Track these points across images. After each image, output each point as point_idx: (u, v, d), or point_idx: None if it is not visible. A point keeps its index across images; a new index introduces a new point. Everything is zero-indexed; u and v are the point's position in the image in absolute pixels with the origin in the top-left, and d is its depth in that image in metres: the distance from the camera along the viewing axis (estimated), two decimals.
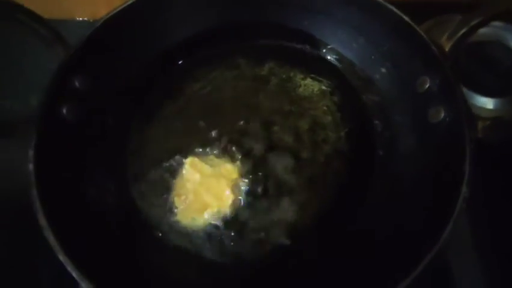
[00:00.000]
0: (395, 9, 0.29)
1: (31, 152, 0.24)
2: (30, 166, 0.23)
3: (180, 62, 0.37)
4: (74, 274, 0.20)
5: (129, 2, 0.31)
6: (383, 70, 0.33)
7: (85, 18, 0.48)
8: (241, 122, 0.33)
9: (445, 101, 0.26)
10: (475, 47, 0.39)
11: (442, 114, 0.26)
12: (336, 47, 0.36)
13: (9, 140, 0.29)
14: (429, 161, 0.26)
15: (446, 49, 0.27)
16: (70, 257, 0.20)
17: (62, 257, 0.20)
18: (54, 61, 0.28)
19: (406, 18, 0.29)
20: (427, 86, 0.28)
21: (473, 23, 0.25)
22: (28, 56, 0.42)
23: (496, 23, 0.39)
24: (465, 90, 0.37)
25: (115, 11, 0.30)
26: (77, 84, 0.29)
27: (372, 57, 0.33)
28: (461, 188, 0.21)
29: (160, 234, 0.28)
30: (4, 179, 0.34)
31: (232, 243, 0.28)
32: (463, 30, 0.26)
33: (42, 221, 0.21)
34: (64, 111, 0.28)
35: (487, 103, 0.36)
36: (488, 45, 0.39)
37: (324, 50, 0.37)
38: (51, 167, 0.25)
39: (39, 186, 0.23)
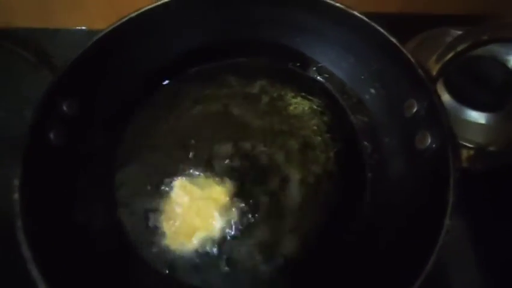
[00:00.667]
0: (382, 30, 0.29)
1: (16, 182, 0.24)
2: (16, 196, 0.23)
3: (169, 81, 0.37)
4: None
5: (117, 23, 0.31)
6: (372, 91, 0.32)
7: (82, 27, 0.48)
8: (232, 142, 0.33)
9: (431, 126, 0.26)
10: (468, 61, 0.38)
11: (429, 140, 0.26)
12: (327, 66, 0.36)
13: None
14: (416, 188, 0.26)
15: (434, 72, 0.27)
16: None
17: None
18: (43, 84, 0.29)
19: (393, 39, 0.29)
20: (415, 109, 0.28)
21: (460, 48, 0.25)
22: (18, 79, 0.43)
23: None
24: (457, 104, 0.38)
25: (100, 34, 0.30)
26: (65, 108, 0.29)
27: (362, 77, 0.33)
28: (444, 220, 0.21)
29: (149, 260, 0.28)
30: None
31: (220, 269, 0.28)
32: (451, 54, 0.26)
33: (27, 253, 0.21)
34: (51, 136, 0.28)
35: (479, 118, 0.36)
36: (482, 60, 0.39)
37: (314, 68, 0.36)
38: (37, 195, 0.25)
39: (25, 217, 0.23)
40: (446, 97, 0.37)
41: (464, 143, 0.23)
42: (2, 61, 0.44)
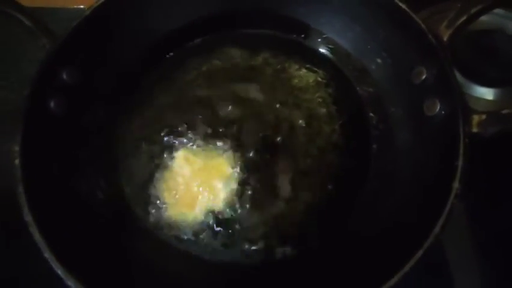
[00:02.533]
0: None
1: (17, 147, 0.23)
2: (16, 161, 0.23)
3: (171, 53, 0.36)
4: (60, 272, 0.19)
5: None
6: (379, 60, 0.32)
7: (80, 6, 0.47)
8: (235, 114, 0.33)
9: (441, 93, 0.25)
10: (475, 35, 0.37)
11: (438, 107, 0.25)
12: (332, 36, 0.35)
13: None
14: (424, 156, 0.26)
15: (445, 38, 0.26)
16: (56, 254, 0.20)
17: (47, 254, 0.20)
18: (42, 53, 0.28)
19: (403, 5, 0.28)
20: (423, 77, 0.27)
21: (474, 10, 0.24)
22: (17, 48, 0.42)
23: (498, 11, 0.37)
24: (464, 80, 0.37)
25: (99, 2, 0.29)
26: (64, 76, 0.29)
27: (368, 46, 0.32)
28: (453, 184, 0.21)
29: (150, 230, 0.28)
30: None
31: (221, 240, 0.28)
32: (463, 18, 0.25)
33: (28, 217, 0.21)
34: (52, 104, 0.28)
35: (487, 94, 0.36)
36: (489, 34, 0.38)
37: (319, 40, 0.36)
38: (39, 163, 0.25)
39: (26, 182, 0.23)
40: None
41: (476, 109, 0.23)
42: (5, 41, 0.44)
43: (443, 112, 0.25)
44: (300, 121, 0.33)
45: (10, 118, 0.26)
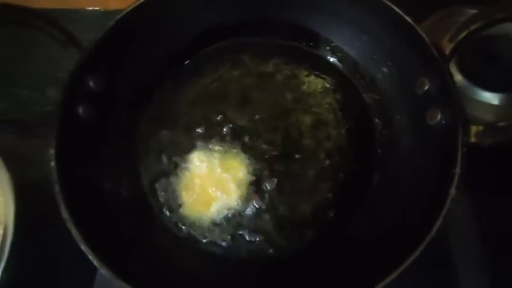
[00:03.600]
0: (397, 9, 0.30)
1: (52, 151, 0.26)
2: (52, 164, 0.26)
3: (188, 60, 0.38)
4: (95, 262, 0.22)
5: (137, 3, 0.32)
6: (385, 70, 0.33)
7: (96, 8, 0.50)
8: (248, 118, 0.35)
9: (442, 104, 0.27)
10: (482, 41, 0.38)
11: (439, 117, 0.27)
12: (341, 45, 0.36)
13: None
14: (424, 162, 0.27)
15: (447, 52, 0.27)
16: (90, 247, 0.23)
17: (83, 247, 0.23)
18: (70, 62, 0.30)
19: (408, 19, 0.29)
20: (426, 87, 0.28)
21: (473, 27, 0.26)
22: (36, 49, 0.44)
23: None
24: (470, 85, 0.38)
25: (124, 12, 0.31)
26: (91, 84, 0.31)
27: (375, 56, 0.34)
28: (449, 191, 0.22)
29: (168, 227, 0.31)
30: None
31: (235, 238, 0.30)
32: (464, 33, 0.26)
33: (65, 213, 0.24)
34: (80, 110, 0.30)
35: (492, 98, 0.36)
36: (496, 39, 0.38)
37: (328, 48, 0.37)
38: (70, 164, 0.27)
39: (61, 182, 0.25)
40: (458, 77, 0.37)
41: (474, 120, 0.24)
42: (25, 41, 0.47)
43: (443, 122, 0.26)
44: (309, 125, 0.35)
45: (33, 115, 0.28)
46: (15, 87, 0.44)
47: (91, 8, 0.50)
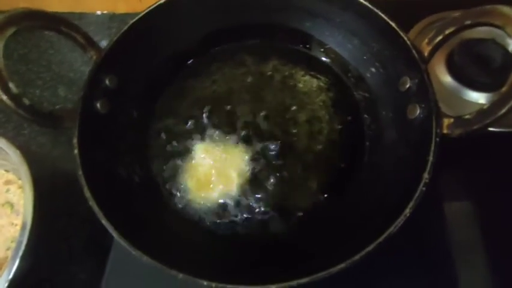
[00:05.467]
0: (383, 15, 0.33)
1: (75, 140, 0.30)
2: (76, 151, 0.29)
3: (192, 60, 0.41)
4: (114, 235, 0.26)
5: (149, 9, 0.36)
6: (373, 70, 0.36)
7: (105, 12, 0.53)
8: (248, 114, 0.38)
9: (421, 100, 0.30)
10: (469, 44, 0.41)
11: (418, 111, 0.30)
12: (333, 47, 0.40)
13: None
14: (405, 151, 0.31)
15: (426, 53, 0.31)
16: (110, 222, 0.26)
17: (104, 221, 0.26)
18: (81, 63, 0.33)
19: (393, 23, 0.32)
20: (408, 85, 0.32)
21: (448, 31, 0.29)
22: (48, 50, 0.48)
23: None
24: (459, 86, 0.40)
25: (136, 18, 0.35)
26: (107, 82, 0.35)
27: (365, 57, 0.37)
28: (423, 175, 0.26)
29: (176, 210, 0.34)
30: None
31: (234, 221, 0.34)
32: (440, 37, 0.30)
33: (87, 193, 0.27)
34: (98, 105, 0.34)
35: (479, 98, 0.39)
36: (482, 42, 0.40)
37: (322, 50, 0.41)
38: (90, 152, 0.31)
39: (84, 167, 0.29)
40: (447, 78, 0.40)
41: (445, 112, 0.27)
42: (37, 44, 0.50)
43: (421, 116, 0.30)
44: (304, 121, 0.38)
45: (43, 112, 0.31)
46: (29, 87, 0.48)
47: (99, 12, 0.53)
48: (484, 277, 0.33)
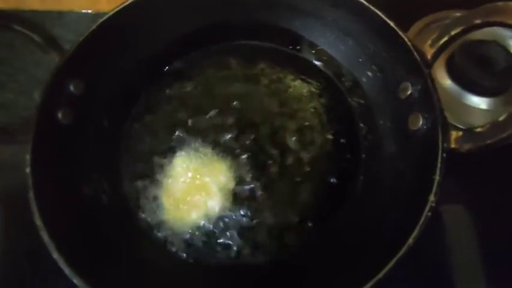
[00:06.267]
0: (380, 13, 0.30)
1: (28, 157, 0.26)
2: (28, 170, 0.25)
3: (172, 63, 0.38)
4: (66, 271, 0.22)
5: (120, 7, 0.32)
6: (369, 74, 0.33)
7: (89, 11, 0.49)
8: (232, 122, 0.35)
9: (424, 109, 0.26)
10: (471, 46, 0.38)
11: (421, 122, 0.27)
12: (326, 49, 0.36)
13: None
14: (406, 167, 0.27)
15: (429, 56, 0.27)
16: (63, 255, 0.22)
17: (55, 255, 0.22)
18: (51, 66, 0.30)
19: (391, 23, 0.29)
20: (409, 92, 0.28)
21: (454, 32, 0.26)
22: (23, 51, 0.44)
23: None
24: (459, 89, 0.38)
25: (104, 17, 0.31)
26: (71, 88, 0.31)
27: (360, 60, 0.34)
28: (429, 197, 0.22)
29: (149, 232, 0.30)
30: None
31: (213, 243, 0.30)
32: (445, 39, 0.26)
33: (38, 221, 0.23)
34: (59, 115, 0.30)
35: (481, 103, 0.37)
36: (484, 44, 0.38)
37: (313, 52, 0.37)
38: (48, 169, 0.27)
39: (36, 189, 0.25)
40: (448, 82, 0.38)
41: (454, 124, 0.24)
42: (11, 43, 0.46)
43: (425, 127, 0.26)
44: (294, 130, 0.34)
45: (20, 120, 0.28)
46: (2, 91, 0.44)
47: (81, 11, 0.50)
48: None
